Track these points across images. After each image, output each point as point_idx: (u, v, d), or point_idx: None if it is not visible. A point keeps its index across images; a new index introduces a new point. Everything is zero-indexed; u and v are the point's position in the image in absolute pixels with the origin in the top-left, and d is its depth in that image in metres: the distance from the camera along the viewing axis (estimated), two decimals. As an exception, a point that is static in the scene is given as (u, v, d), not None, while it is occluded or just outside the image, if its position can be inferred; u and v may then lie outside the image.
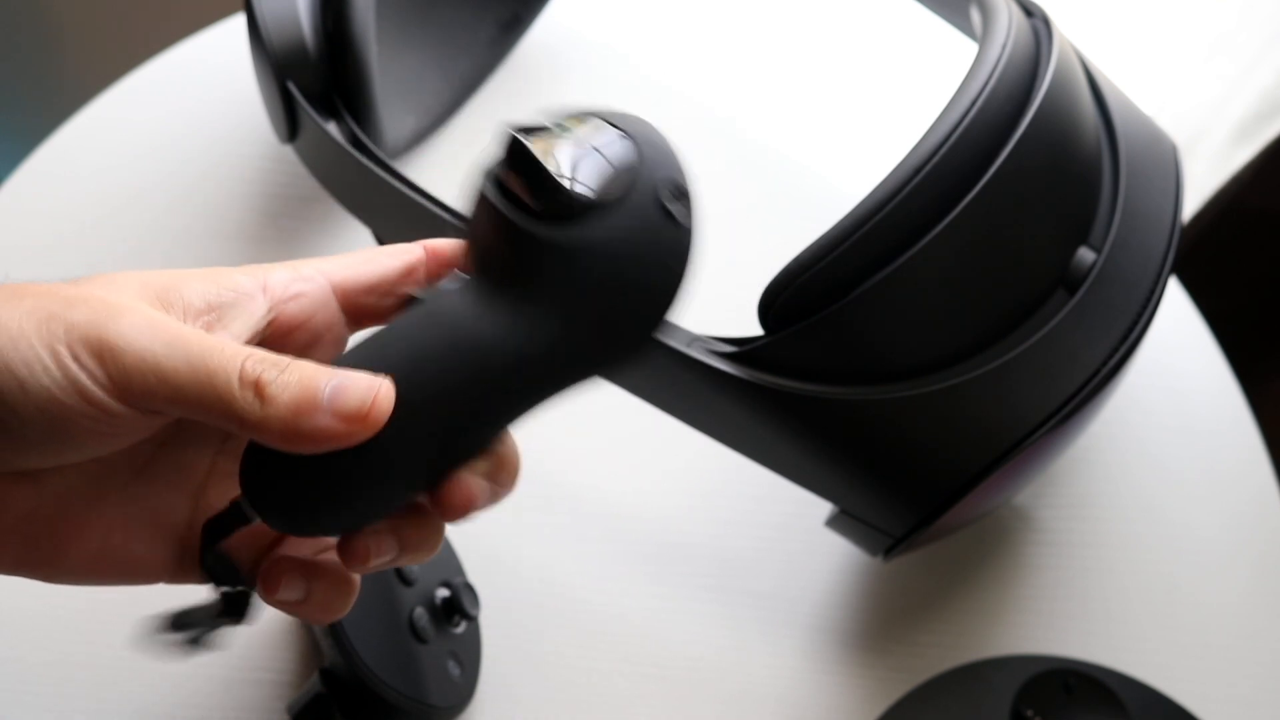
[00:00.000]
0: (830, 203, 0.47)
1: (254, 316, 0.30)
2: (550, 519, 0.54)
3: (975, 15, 0.49)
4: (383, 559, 0.30)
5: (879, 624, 0.52)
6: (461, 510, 0.30)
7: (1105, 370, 0.44)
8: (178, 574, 0.32)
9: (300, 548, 0.33)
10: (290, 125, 0.55)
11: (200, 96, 0.66)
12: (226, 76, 0.65)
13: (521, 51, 0.69)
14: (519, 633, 0.51)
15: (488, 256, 0.30)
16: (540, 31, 0.69)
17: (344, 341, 0.33)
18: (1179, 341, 0.61)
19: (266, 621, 0.51)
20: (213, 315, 0.30)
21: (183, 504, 0.32)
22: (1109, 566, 0.54)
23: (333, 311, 0.32)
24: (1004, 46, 0.43)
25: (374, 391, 0.28)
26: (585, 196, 0.29)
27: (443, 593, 0.48)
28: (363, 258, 0.33)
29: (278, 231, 0.62)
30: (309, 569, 0.31)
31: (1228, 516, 0.56)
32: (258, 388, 0.28)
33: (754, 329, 0.44)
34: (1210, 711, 0.51)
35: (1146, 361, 0.57)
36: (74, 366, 0.27)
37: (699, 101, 0.68)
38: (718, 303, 0.50)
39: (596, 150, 0.29)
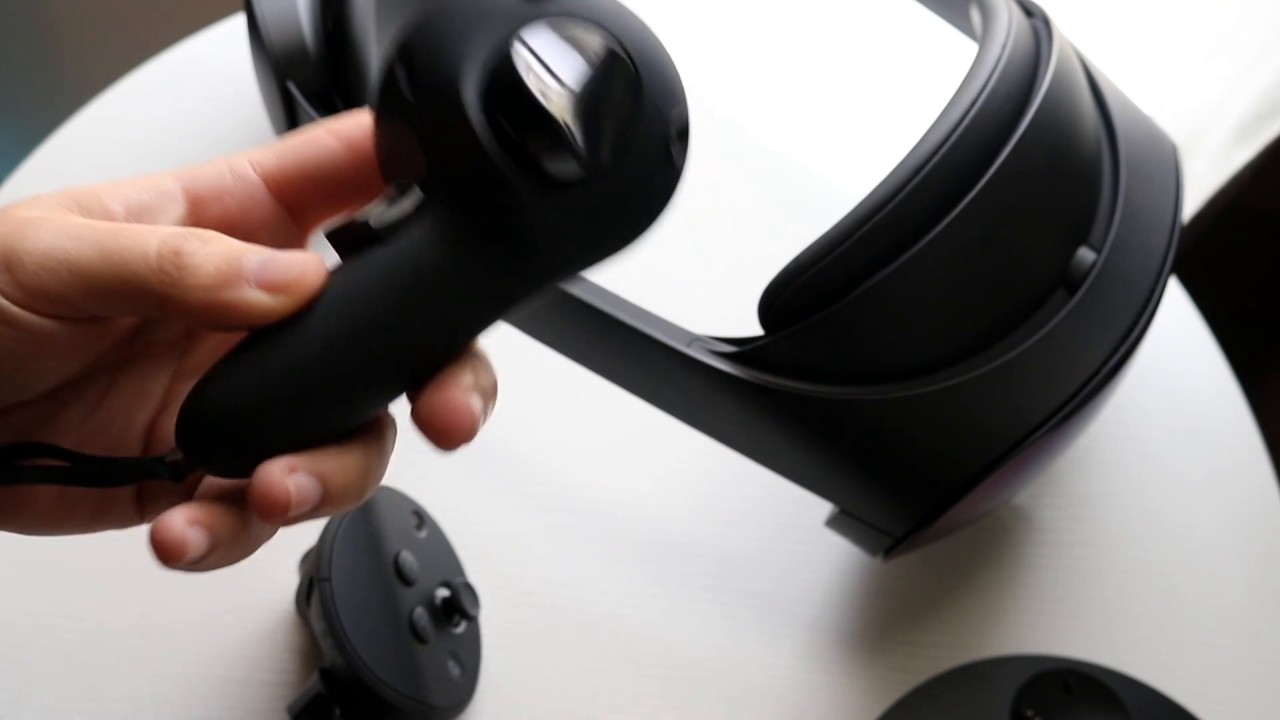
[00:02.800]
0: (830, 203, 0.47)
1: (172, 219, 0.28)
2: (550, 519, 0.54)
3: (975, 15, 0.49)
4: (305, 507, 0.26)
5: (879, 624, 0.52)
6: (460, 434, 0.27)
7: (1105, 370, 0.44)
8: (145, 514, 0.31)
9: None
10: (290, 125, 0.55)
11: (200, 96, 0.66)
12: (226, 76, 0.65)
13: (521, 51, 0.69)
14: (519, 632, 0.51)
15: (457, 190, 0.26)
16: (540, 31, 0.69)
17: (293, 242, 0.30)
18: (1179, 341, 0.61)
19: (266, 621, 0.51)
20: (130, 219, 0.28)
21: (139, 435, 0.31)
22: (1109, 566, 0.54)
23: (266, 209, 0.29)
24: (1004, 46, 0.43)
25: (304, 263, 0.26)
26: (605, 166, 0.26)
27: (443, 593, 0.48)
28: (299, 140, 0.29)
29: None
30: (210, 511, 0.27)
31: (1228, 516, 0.56)
32: (177, 257, 0.26)
33: (754, 329, 0.44)
34: (1210, 711, 0.51)
35: (1146, 361, 0.57)
36: None
37: (698, 101, 0.68)
38: (718, 303, 0.50)
39: (609, 96, 0.25)
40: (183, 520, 0.26)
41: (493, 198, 0.26)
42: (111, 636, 0.50)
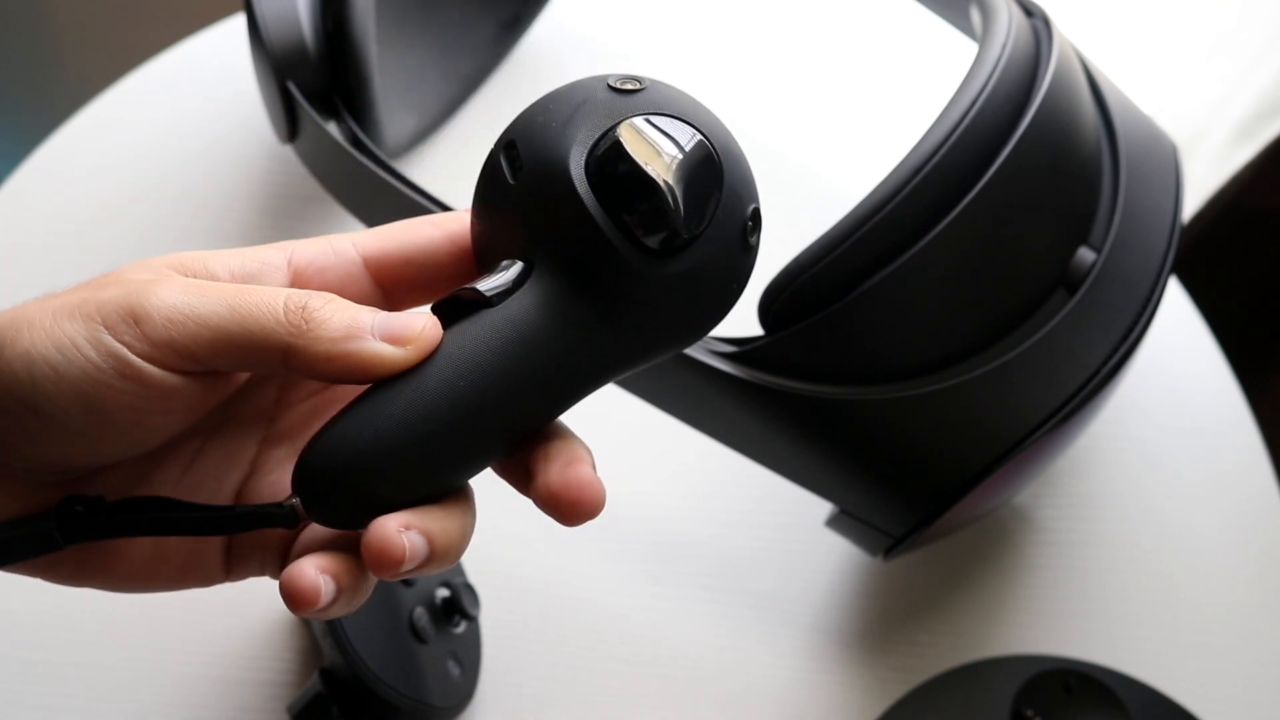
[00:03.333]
0: (830, 203, 0.47)
1: (277, 286, 0.30)
2: (550, 519, 0.54)
3: (975, 15, 0.49)
4: (414, 564, 0.28)
5: (879, 624, 0.52)
6: (588, 510, 0.29)
7: (1105, 370, 0.44)
8: (232, 571, 0.32)
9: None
10: (290, 125, 0.55)
11: (200, 96, 0.66)
12: (226, 76, 0.66)
13: (521, 51, 0.69)
14: (519, 633, 0.51)
15: (563, 257, 0.29)
16: (540, 31, 0.69)
17: None
18: (1179, 341, 0.61)
19: (266, 621, 0.51)
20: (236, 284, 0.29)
21: (228, 498, 0.32)
22: (1109, 566, 0.54)
23: (363, 286, 0.31)
24: (1004, 46, 0.43)
25: (424, 318, 0.28)
26: (694, 236, 0.29)
27: (443, 593, 0.48)
28: (402, 227, 0.31)
29: (277, 232, 0.62)
30: (335, 561, 0.28)
31: (1228, 516, 0.56)
32: (304, 311, 0.27)
33: (754, 329, 0.44)
34: (1210, 711, 0.51)
35: (1146, 361, 0.57)
36: (109, 339, 0.27)
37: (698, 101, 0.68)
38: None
39: (698, 176, 0.29)
40: (313, 568, 0.28)
41: (597, 262, 0.28)
42: (112, 636, 0.50)
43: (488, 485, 0.31)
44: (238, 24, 0.68)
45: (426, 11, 0.62)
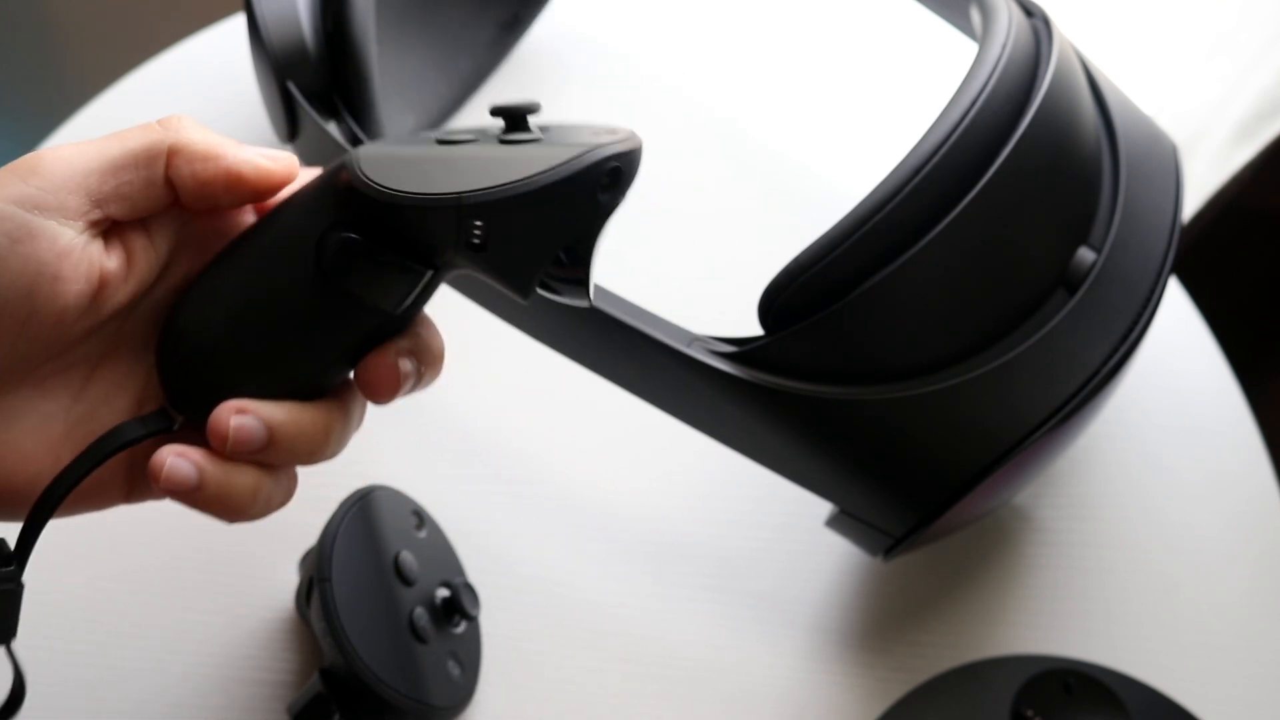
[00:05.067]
0: (830, 203, 0.47)
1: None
2: (550, 519, 0.54)
3: (975, 15, 0.49)
4: (247, 445, 0.31)
5: (879, 624, 0.52)
6: (385, 390, 0.32)
7: (1105, 370, 0.44)
8: (132, 493, 0.34)
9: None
10: (290, 125, 0.55)
11: (200, 96, 0.66)
12: (226, 76, 0.65)
13: (521, 51, 0.69)
14: (519, 633, 0.51)
15: (476, 276, 0.32)
16: (540, 31, 0.69)
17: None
18: (1179, 341, 0.61)
19: (266, 621, 0.51)
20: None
21: (123, 419, 0.33)
22: (1109, 566, 0.54)
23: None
24: (1004, 46, 0.43)
25: (285, 158, 0.32)
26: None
27: (443, 593, 0.48)
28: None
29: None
30: (198, 451, 0.31)
31: (1228, 516, 0.56)
32: (175, 119, 0.31)
33: (754, 329, 0.44)
34: (1210, 711, 0.51)
35: (1146, 361, 0.57)
36: (13, 182, 0.29)
37: (699, 101, 0.68)
38: (718, 303, 0.50)
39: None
40: (169, 451, 0.30)
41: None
42: (111, 636, 0.50)
43: (489, 485, 0.31)
44: (238, 24, 0.68)
45: (426, 11, 0.62)
